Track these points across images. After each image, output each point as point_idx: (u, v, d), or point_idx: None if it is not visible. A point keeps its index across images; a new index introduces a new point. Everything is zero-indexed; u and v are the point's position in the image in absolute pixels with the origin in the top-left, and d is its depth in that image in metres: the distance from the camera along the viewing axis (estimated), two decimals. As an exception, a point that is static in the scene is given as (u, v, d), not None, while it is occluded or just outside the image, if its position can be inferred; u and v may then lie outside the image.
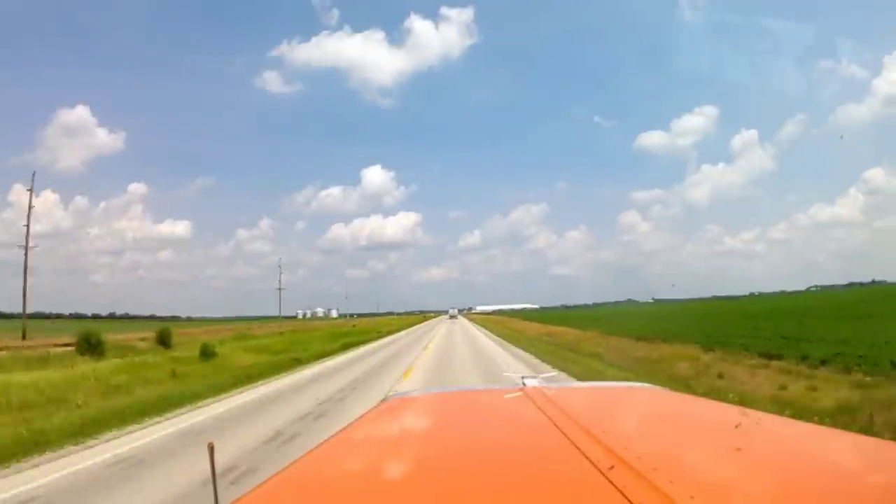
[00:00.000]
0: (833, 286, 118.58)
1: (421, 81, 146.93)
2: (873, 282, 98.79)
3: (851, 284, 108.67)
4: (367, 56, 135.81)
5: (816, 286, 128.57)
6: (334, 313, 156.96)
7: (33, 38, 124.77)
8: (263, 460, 6.96)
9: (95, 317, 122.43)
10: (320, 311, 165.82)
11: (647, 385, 2.27)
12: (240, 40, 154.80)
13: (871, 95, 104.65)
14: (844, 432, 1.37)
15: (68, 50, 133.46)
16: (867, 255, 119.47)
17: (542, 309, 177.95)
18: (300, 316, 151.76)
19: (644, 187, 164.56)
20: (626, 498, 0.85)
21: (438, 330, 48.77)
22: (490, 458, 1.26)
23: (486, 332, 44.29)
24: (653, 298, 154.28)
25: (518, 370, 11.94)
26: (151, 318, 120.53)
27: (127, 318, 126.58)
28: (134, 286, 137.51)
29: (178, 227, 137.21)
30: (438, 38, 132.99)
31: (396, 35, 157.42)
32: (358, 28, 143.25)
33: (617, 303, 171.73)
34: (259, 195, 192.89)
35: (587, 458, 1.05)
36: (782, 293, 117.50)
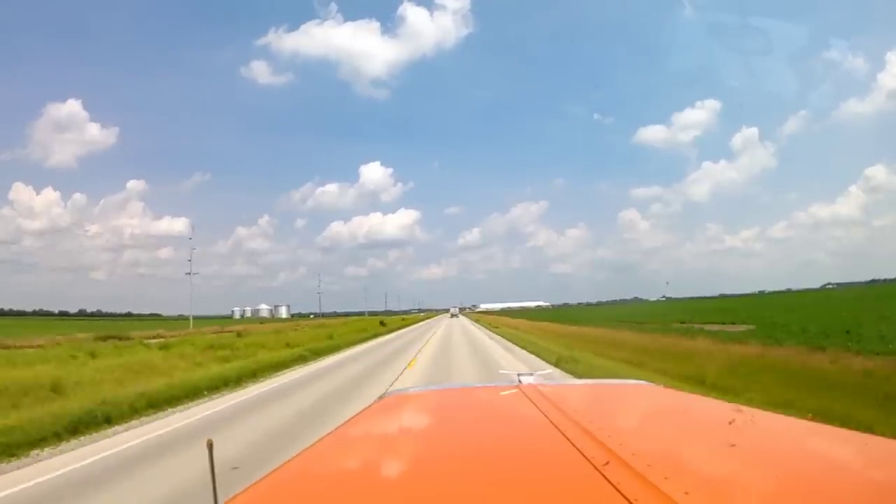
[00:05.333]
0: (851, 283, 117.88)
1: (419, 76, 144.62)
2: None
3: (874, 281, 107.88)
4: (365, 49, 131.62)
5: (832, 283, 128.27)
6: (283, 312, 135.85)
7: (17, 36, 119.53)
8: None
9: (63, 314, 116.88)
10: (264, 309, 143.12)
11: (642, 382, 2.30)
12: (231, 31, 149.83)
13: (876, 91, 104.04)
14: (839, 429, 1.33)
15: (56, 47, 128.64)
16: (886, 252, 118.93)
17: (555, 307, 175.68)
18: (237, 315, 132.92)
19: (645, 184, 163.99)
20: (621, 494, 0.86)
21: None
22: (486, 455, 1.26)
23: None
24: (664, 296, 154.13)
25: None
26: (128, 315, 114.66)
27: (99, 315, 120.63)
28: (112, 285, 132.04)
29: (176, 225, 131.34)
30: (437, 31, 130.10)
31: (390, 25, 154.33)
32: (352, 18, 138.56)
33: (623, 301, 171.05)
34: (255, 192, 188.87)
35: (582, 454, 1.05)
36: (788, 291, 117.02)
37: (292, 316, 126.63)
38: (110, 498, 5.89)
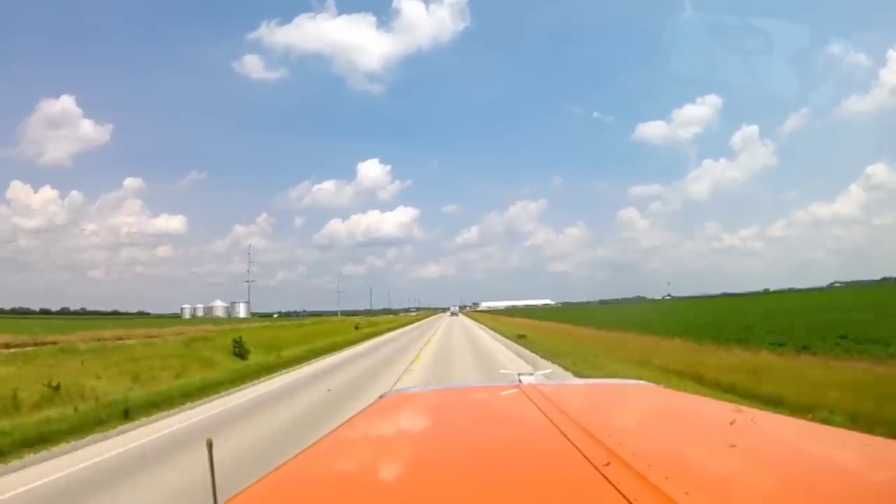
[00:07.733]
0: (859, 281, 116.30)
1: (416, 72, 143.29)
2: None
3: (886, 279, 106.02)
4: (361, 43, 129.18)
5: (839, 282, 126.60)
6: (241, 310, 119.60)
7: (10, 33, 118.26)
8: None
9: (44, 312, 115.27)
10: (220, 307, 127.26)
11: (642, 382, 2.29)
12: (222, 25, 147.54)
13: (878, 88, 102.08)
14: (839, 429, 1.35)
15: (47, 44, 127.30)
16: (890, 250, 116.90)
17: (564, 305, 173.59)
18: (187, 314, 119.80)
19: (645, 182, 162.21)
20: (622, 494, 0.86)
21: None
22: (486, 455, 1.26)
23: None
24: (669, 295, 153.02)
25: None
26: (114, 314, 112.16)
27: (84, 313, 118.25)
28: (93, 282, 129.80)
29: (173, 223, 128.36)
30: (433, 25, 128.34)
31: (385, 18, 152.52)
32: (346, 11, 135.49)
33: (626, 299, 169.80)
34: (250, 190, 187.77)
35: (582, 454, 1.06)
36: (791, 290, 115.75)
37: (253, 315, 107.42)
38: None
